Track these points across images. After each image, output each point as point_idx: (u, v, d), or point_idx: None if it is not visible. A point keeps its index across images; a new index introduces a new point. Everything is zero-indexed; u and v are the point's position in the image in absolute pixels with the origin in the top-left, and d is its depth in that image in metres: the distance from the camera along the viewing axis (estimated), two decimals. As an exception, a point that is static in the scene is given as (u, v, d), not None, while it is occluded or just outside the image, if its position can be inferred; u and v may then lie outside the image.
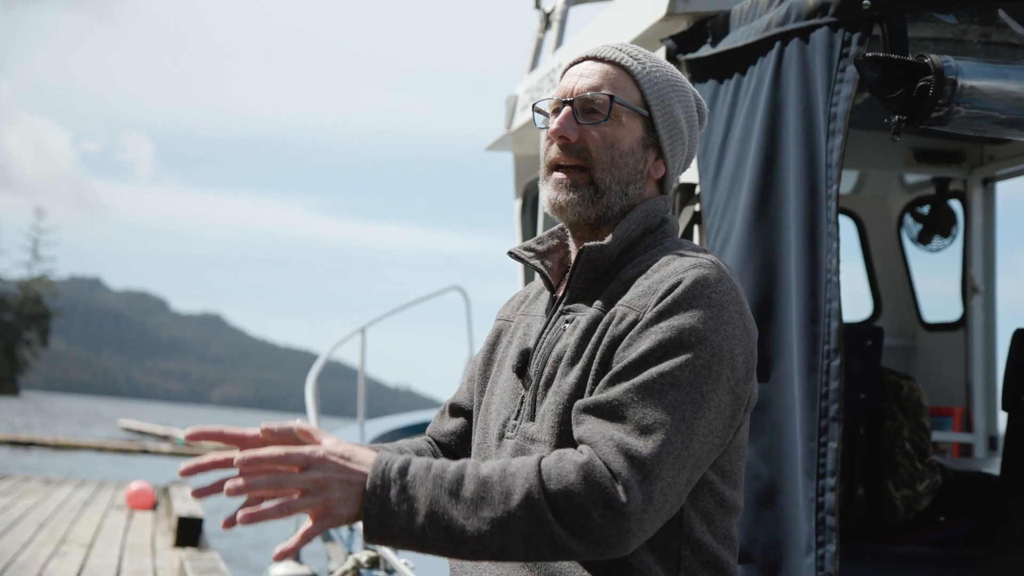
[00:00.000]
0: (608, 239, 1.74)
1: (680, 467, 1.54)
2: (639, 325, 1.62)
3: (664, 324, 1.59)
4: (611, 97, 1.74)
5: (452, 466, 1.52)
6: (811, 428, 2.47)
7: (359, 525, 4.42)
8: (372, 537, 1.50)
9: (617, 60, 1.78)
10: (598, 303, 1.72)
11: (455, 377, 7.59)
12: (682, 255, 1.70)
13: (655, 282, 1.66)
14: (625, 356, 1.60)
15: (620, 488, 1.48)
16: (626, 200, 1.76)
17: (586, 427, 1.56)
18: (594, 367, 1.65)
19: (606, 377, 1.61)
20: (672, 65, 1.84)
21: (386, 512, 1.48)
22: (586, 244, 1.74)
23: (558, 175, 1.76)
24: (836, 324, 2.47)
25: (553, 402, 1.68)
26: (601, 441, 1.52)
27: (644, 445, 1.51)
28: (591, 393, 1.64)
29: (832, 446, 2.44)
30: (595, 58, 1.80)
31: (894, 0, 2.41)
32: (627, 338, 1.62)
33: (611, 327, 1.65)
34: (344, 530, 4.17)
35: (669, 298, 1.61)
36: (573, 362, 1.68)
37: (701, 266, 1.66)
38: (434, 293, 6.76)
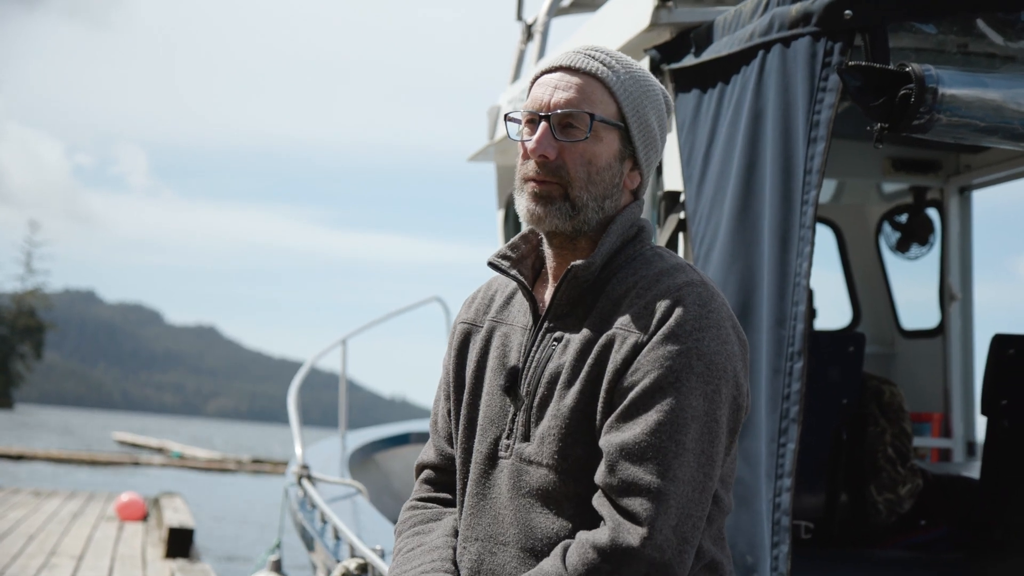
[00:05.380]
0: (593, 257, 1.74)
1: (706, 498, 1.62)
2: (646, 349, 1.65)
3: (672, 349, 1.63)
4: (591, 116, 1.72)
5: None
6: (772, 430, 2.51)
7: (346, 533, 4.32)
8: None
9: (591, 71, 1.75)
10: (589, 322, 1.73)
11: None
12: (670, 272, 1.72)
13: (650, 302, 1.68)
14: (636, 382, 1.64)
15: (656, 546, 1.57)
16: (602, 214, 1.76)
17: (619, 477, 1.61)
18: (602, 395, 1.67)
19: (622, 406, 1.64)
20: (638, 63, 1.83)
21: None
22: (573, 264, 1.74)
23: (533, 185, 1.75)
24: (802, 327, 2.50)
25: (554, 425, 1.70)
26: (629, 490, 1.60)
27: (675, 489, 1.58)
28: (602, 421, 1.67)
29: (791, 447, 2.47)
30: (568, 68, 1.76)
31: (876, 10, 2.45)
32: (636, 361, 1.65)
33: (613, 352, 1.67)
34: (330, 537, 4.18)
35: (672, 320, 1.65)
36: (570, 384, 1.70)
37: (692, 284, 1.69)
38: (414, 304, 6.83)
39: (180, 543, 8.52)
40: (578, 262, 1.74)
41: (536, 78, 1.81)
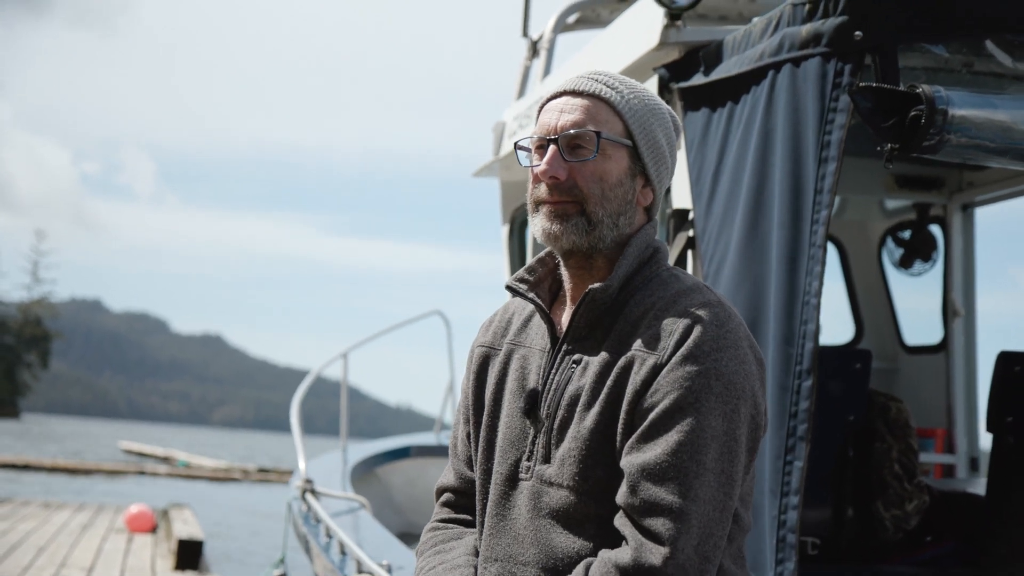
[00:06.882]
0: (610, 279, 1.77)
1: (726, 518, 1.64)
2: (665, 370, 1.67)
3: (691, 369, 1.66)
4: (598, 134, 1.75)
5: None
6: (778, 447, 2.52)
7: (352, 548, 4.34)
8: None
9: (596, 92, 1.78)
10: (607, 344, 1.75)
11: (451, 397, 7.75)
12: (686, 292, 1.75)
13: (667, 323, 1.70)
14: (656, 403, 1.66)
15: (678, 566, 1.59)
16: (617, 231, 1.78)
17: (641, 497, 1.64)
18: (622, 416, 1.69)
19: (643, 427, 1.66)
20: (644, 86, 1.87)
21: None
22: (591, 287, 1.77)
23: (548, 206, 1.78)
24: (811, 346, 2.51)
25: (575, 447, 1.72)
26: (651, 510, 1.62)
27: (696, 509, 1.61)
28: (622, 443, 1.69)
29: (798, 465, 2.49)
30: (573, 92, 1.80)
31: (886, 32, 2.47)
32: (655, 383, 1.67)
33: (632, 374, 1.69)
34: (335, 552, 4.20)
35: (690, 341, 1.67)
36: (590, 405, 1.72)
37: (709, 304, 1.72)
38: (415, 318, 6.98)
39: (189, 555, 8.55)
40: (596, 285, 1.76)
41: (542, 105, 1.85)
